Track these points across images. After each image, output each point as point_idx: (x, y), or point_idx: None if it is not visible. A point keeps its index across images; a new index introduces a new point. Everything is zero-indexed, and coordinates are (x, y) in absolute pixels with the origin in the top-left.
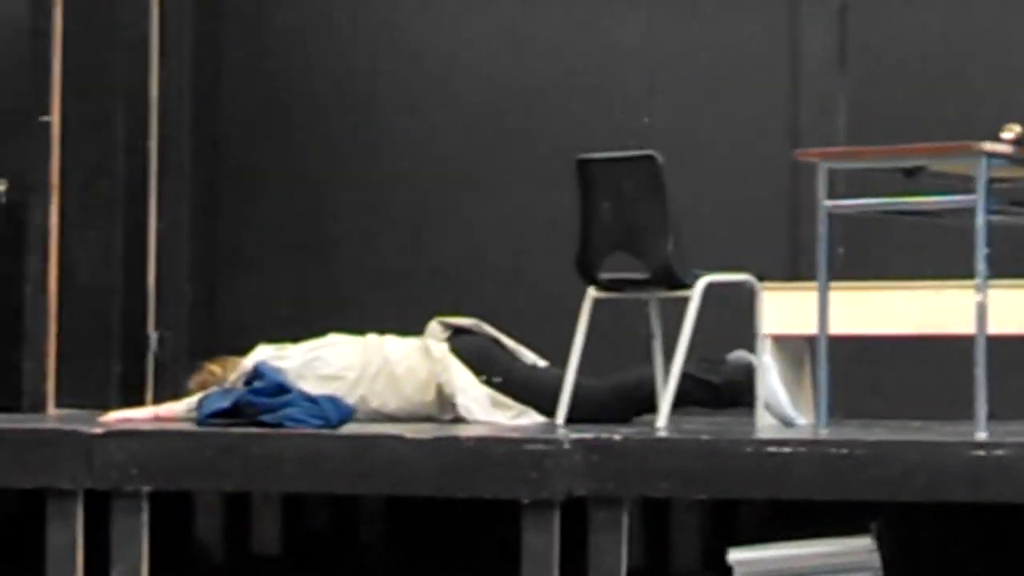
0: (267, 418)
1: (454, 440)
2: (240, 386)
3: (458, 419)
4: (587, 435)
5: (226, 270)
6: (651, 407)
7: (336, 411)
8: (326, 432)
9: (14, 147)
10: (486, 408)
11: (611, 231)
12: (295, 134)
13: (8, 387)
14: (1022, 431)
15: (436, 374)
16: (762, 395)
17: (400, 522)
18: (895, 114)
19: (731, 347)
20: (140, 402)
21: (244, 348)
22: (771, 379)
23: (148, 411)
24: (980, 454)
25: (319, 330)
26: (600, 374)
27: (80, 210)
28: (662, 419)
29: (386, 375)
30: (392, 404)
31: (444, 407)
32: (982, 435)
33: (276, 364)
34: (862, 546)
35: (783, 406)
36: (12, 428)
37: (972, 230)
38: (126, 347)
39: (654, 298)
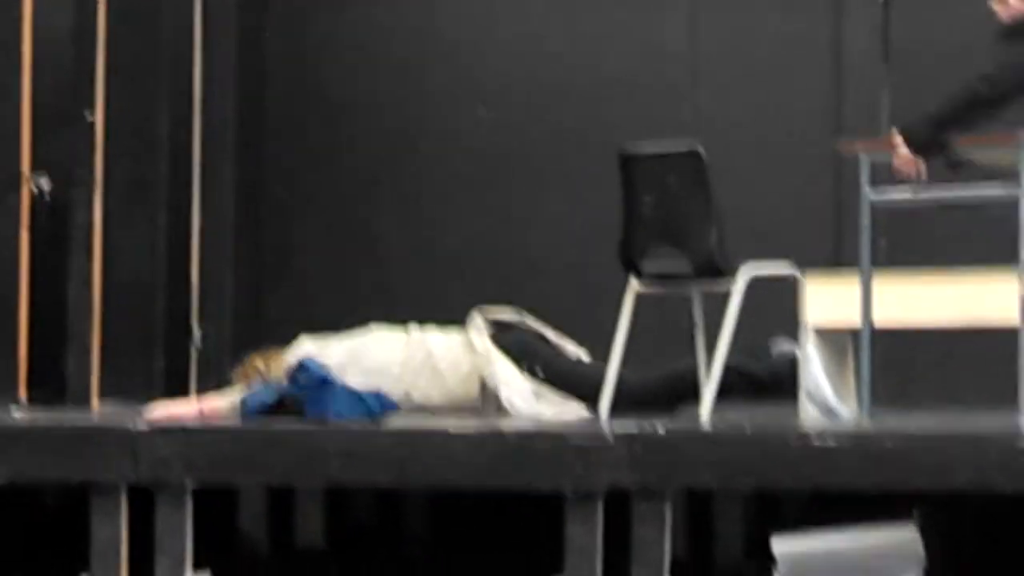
0: (311, 412)
1: (498, 434)
2: (284, 381)
3: (502, 413)
4: (630, 428)
5: (269, 264)
6: (694, 399)
7: (379, 405)
8: (370, 426)
9: (58, 144)
10: (530, 401)
11: (654, 224)
12: (337, 130)
13: (53, 382)
14: None
15: (479, 368)
16: (805, 386)
17: (443, 515)
18: None
19: (773, 339)
20: (185, 397)
21: (287, 342)
22: (814, 370)
23: (192, 405)
24: None
25: (363, 324)
26: (643, 366)
27: (124, 206)
28: (705, 411)
29: (429, 369)
30: (435, 398)
31: (487, 401)
32: None
33: (318, 356)
34: (905, 536)
35: (826, 397)
36: (57, 423)
37: (1015, 221)
38: (170, 342)
39: (697, 290)
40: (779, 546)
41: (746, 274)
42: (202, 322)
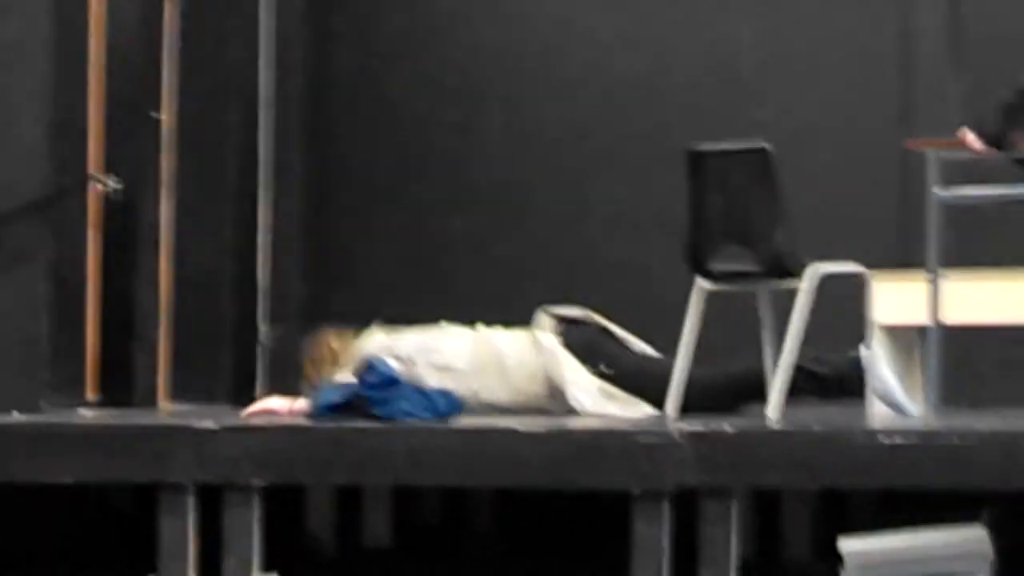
0: (378, 411)
1: (565, 433)
2: (351, 374)
3: (569, 411)
4: (698, 426)
5: (337, 264)
6: (761, 398)
7: (447, 404)
8: (437, 425)
9: (128, 144)
10: (597, 400)
11: (721, 222)
12: (404, 130)
13: (121, 382)
14: None
15: (546, 366)
16: (873, 385)
17: (511, 514)
18: None
19: (841, 337)
20: (251, 397)
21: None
22: (882, 369)
23: (284, 403)
24: None
25: (428, 324)
26: (709, 365)
27: (192, 206)
28: (773, 410)
29: (497, 368)
30: (503, 397)
31: (555, 399)
32: None
33: (389, 347)
34: (974, 535)
35: (895, 395)
36: (125, 423)
37: None
38: (237, 341)
39: (764, 289)
40: (847, 546)
41: (814, 273)
42: (269, 322)
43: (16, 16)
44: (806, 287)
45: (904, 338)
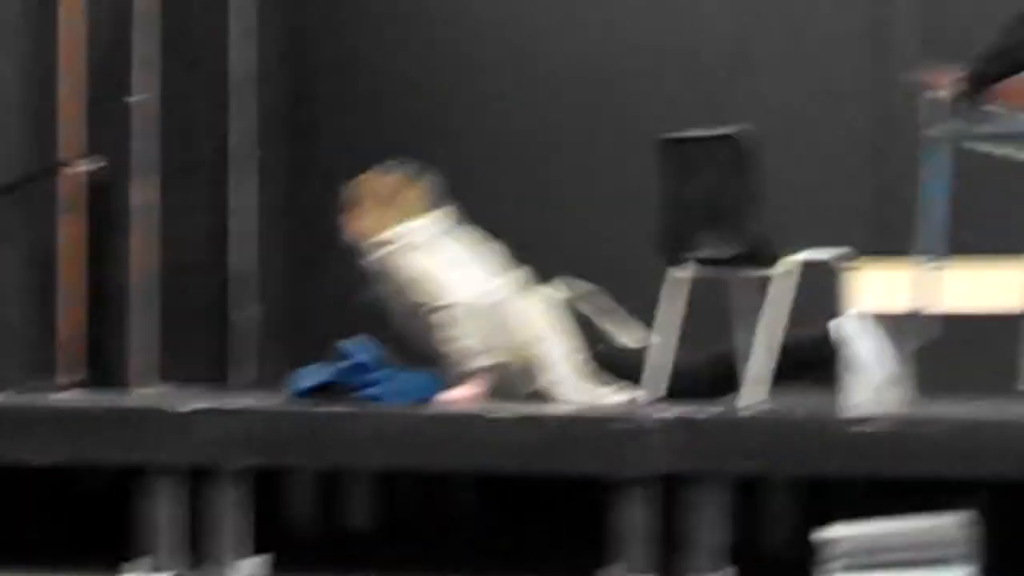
0: (360, 394)
1: (546, 417)
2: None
3: (552, 395)
4: (680, 412)
5: (323, 247)
6: (742, 384)
7: (426, 386)
8: (416, 409)
9: (111, 127)
10: (582, 383)
11: (696, 210)
12: (389, 111)
13: (107, 364)
14: None
15: (537, 341)
16: (855, 372)
17: (491, 500)
18: None
19: (821, 324)
20: (227, 379)
21: (341, 325)
22: (865, 355)
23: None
24: None
25: None
26: (693, 351)
27: (177, 188)
28: (753, 396)
29: (500, 319)
30: (501, 352)
31: (541, 375)
32: None
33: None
34: (954, 523)
35: (877, 382)
36: (110, 405)
37: None
38: (223, 324)
39: (740, 277)
40: (829, 533)
41: (792, 259)
42: (247, 304)
43: None
44: (784, 274)
45: (886, 325)
